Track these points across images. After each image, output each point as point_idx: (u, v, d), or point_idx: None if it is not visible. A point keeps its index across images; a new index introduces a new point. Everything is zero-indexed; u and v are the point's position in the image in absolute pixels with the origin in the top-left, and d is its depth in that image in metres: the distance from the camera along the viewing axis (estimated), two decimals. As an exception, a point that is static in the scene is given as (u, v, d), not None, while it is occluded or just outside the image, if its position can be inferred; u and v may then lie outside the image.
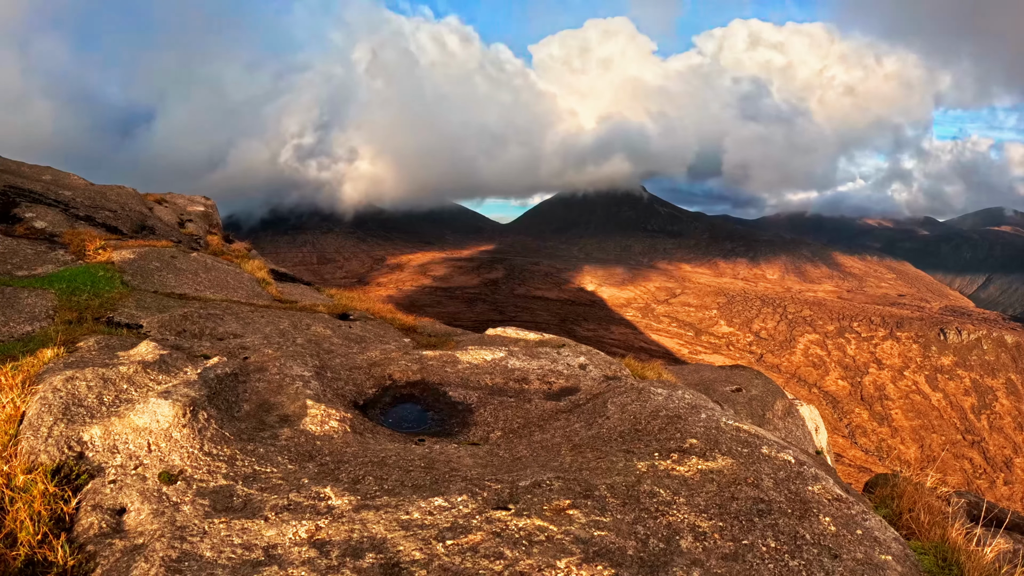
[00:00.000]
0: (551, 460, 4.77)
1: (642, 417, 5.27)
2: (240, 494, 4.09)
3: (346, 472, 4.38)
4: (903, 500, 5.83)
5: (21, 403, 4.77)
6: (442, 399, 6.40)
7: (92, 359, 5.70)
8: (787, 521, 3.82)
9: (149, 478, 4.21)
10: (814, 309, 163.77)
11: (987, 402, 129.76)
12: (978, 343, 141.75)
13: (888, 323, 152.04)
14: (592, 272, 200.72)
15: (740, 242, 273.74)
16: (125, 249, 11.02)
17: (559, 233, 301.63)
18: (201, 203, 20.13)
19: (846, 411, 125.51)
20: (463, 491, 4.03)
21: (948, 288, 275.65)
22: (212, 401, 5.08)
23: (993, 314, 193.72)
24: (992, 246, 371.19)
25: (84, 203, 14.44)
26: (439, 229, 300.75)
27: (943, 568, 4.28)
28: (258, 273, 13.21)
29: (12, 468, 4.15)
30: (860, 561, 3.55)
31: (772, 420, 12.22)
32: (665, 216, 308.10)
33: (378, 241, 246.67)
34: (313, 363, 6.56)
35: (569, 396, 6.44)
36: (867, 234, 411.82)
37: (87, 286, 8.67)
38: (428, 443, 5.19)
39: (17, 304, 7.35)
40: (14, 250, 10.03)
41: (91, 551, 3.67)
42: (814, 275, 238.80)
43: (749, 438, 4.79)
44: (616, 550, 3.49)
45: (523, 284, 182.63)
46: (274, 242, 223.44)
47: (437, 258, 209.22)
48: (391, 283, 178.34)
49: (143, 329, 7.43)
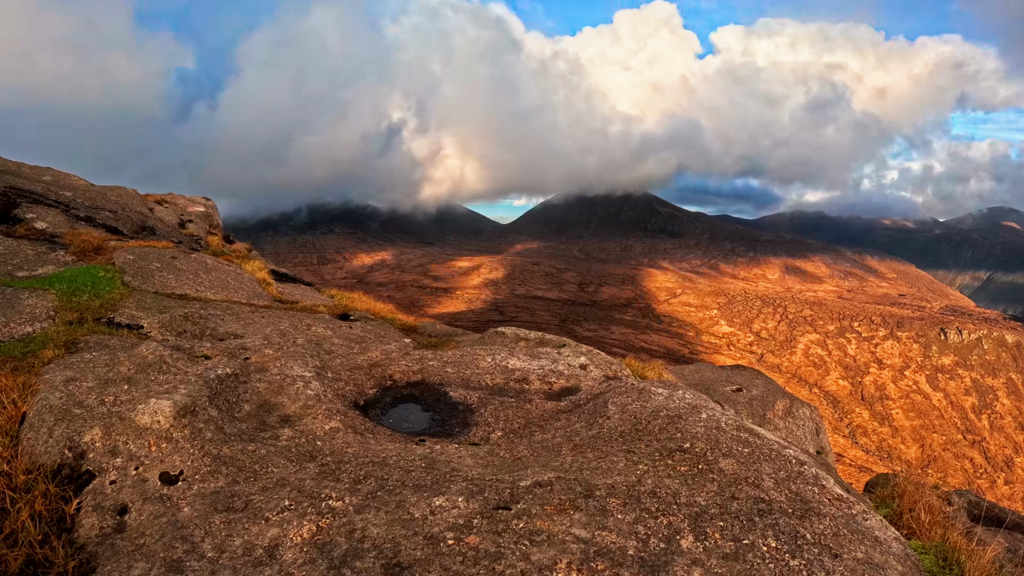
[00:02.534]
0: (552, 460, 4.77)
1: (643, 417, 5.27)
2: (241, 495, 4.09)
3: (347, 472, 4.39)
4: (904, 500, 5.83)
5: (22, 403, 4.77)
6: (443, 399, 6.40)
7: (93, 360, 5.70)
8: (788, 521, 3.82)
9: (150, 479, 4.22)
10: (814, 309, 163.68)
11: (988, 402, 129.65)
12: (979, 343, 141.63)
13: (889, 323, 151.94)
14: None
15: (740, 242, 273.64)
16: (126, 250, 11.02)
17: (559, 233, 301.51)
18: (201, 204, 20.13)
19: (847, 411, 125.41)
20: (464, 491, 4.03)
21: (948, 287, 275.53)
22: (213, 402, 5.08)
23: (994, 313, 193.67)
24: (992, 245, 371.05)
25: (84, 204, 14.44)
26: (439, 229, 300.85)
27: (944, 568, 4.28)
28: (258, 274, 13.22)
29: (13, 469, 4.15)
30: (861, 561, 3.55)
31: (773, 420, 12.21)
32: (665, 216, 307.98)
33: (378, 241, 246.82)
34: (314, 363, 6.56)
35: (570, 396, 6.44)
36: (868, 233, 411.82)
37: (88, 287, 8.67)
38: (429, 443, 5.19)
39: (18, 305, 7.35)
40: (15, 251, 10.03)
41: (92, 551, 3.67)
42: (814, 275, 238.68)
43: (750, 438, 4.79)
44: (617, 550, 3.49)
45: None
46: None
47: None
48: (392, 283, 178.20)
49: (144, 330, 7.44)
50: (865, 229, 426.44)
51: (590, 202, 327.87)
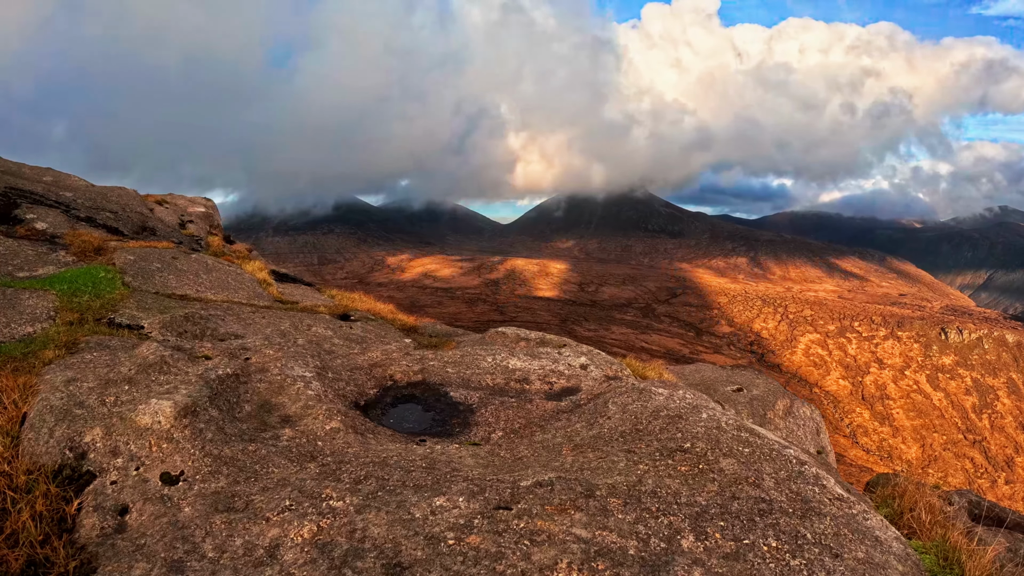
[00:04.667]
0: (552, 460, 4.78)
1: (643, 417, 5.27)
2: (242, 495, 4.09)
3: (348, 472, 4.39)
4: (904, 499, 5.83)
5: (23, 404, 4.77)
6: (443, 399, 6.40)
7: (93, 360, 5.70)
8: (788, 520, 3.82)
9: (151, 479, 4.22)
10: (815, 309, 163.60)
11: (988, 401, 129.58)
12: (979, 342, 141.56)
13: (889, 322, 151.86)
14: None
15: (741, 242, 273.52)
16: (126, 250, 11.02)
17: (560, 233, 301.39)
18: (202, 204, 20.14)
19: (847, 411, 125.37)
20: (465, 491, 4.03)
21: (949, 287, 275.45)
22: (213, 402, 5.09)
23: (994, 313, 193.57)
24: (993, 245, 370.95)
25: (85, 204, 14.45)
26: (440, 230, 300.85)
27: (944, 567, 4.29)
28: (259, 274, 13.22)
29: (14, 469, 4.16)
30: (861, 560, 3.54)
31: (773, 420, 12.21)
32: (665, 216, 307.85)
33: (378, 242, 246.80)
34: (314, 364, 6.56)
35: (570, 396, 6.44)
36: (868, 233, 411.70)
37: (88, 287, 8.67)
38: (429, 443, 5.20)
39: (18, 305, 7.35)
40: (15, 251, 10.04)
41: (93, 552, 3.67)
42: (815, 274, 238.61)
43: (750, 438, 4.79)
44: (617, 550, 3.49)
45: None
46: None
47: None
48: (392, 284, 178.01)
49: (144, 330, 7.44)
50: (865, 229, 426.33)
51: (590, 202, 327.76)
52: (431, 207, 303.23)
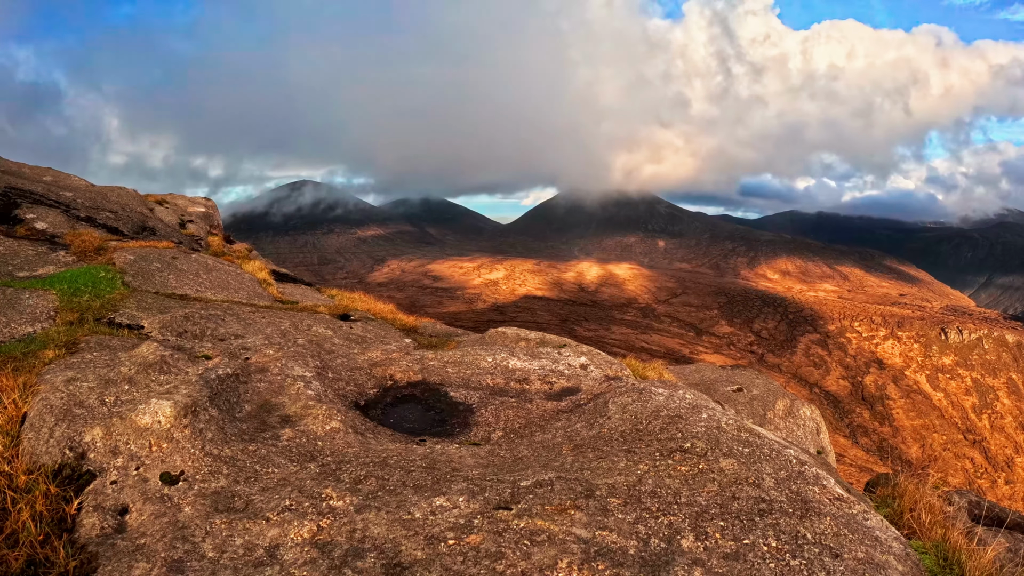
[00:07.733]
0: (552, 460, 4.78)
1: (643, 417, 5.27)
2: (242, 495, 4.09)
3: (348, 472, 4.39)
4: (904, 500, 5.83)
5: (23, 404, 4.77)
6: (443, 399, 6.40)
7: (93, 360, 5.70)
8: (788, 520, 3.82)
9: (151, 479, 4.22)
10: (815, 309, 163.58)
11: (988, 401, 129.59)
12: (979, 342, 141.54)
13: (889, 322, 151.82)
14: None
15: (740, 242, 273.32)
16: (126, 250, 11.02)
17: (560, 233, 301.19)
18: (202, 204, 20.14)
19: (847, 411, 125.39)
20: (465, 491, 4.04)
21: (949, 287, 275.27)
22: (214, 402, 5.08)
23: (994, 313, 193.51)
24: (993, 245, 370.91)
25: (85, 204, 14.45)
26: (440, 230, 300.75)
27: (944, 567, 4.29)
28: (259, 274, 13.23)
29: (14, 469, 4.16)
30: (861, 560, 3.54)
31: (773, 420, 12.21)
32: (665, 216, 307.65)
33: (379, 242, 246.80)
34: (314, 364, 6.56)
35: (570, 396, 6.44)
36: (869, 233, 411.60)
37: (88, 287, 8.67)
38: (429, 443, 5.20)
39: (19, 305, 7.36)
40: (15, 251, 10.04)
41: (93, 552, 3.67)
42: (815, 274, 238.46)
43: (750, 438, 4.79)
44: (618, 550, 3.49)
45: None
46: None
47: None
48: (392, 284, 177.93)
49: (144, 330, 7.44)
50: (865, 229, 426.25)
51: (591, 202, 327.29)
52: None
